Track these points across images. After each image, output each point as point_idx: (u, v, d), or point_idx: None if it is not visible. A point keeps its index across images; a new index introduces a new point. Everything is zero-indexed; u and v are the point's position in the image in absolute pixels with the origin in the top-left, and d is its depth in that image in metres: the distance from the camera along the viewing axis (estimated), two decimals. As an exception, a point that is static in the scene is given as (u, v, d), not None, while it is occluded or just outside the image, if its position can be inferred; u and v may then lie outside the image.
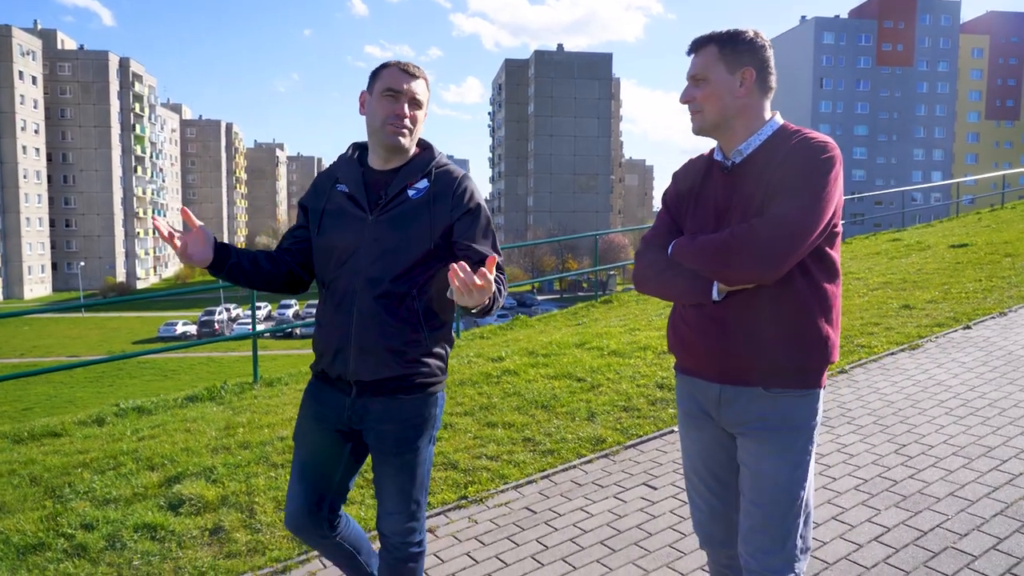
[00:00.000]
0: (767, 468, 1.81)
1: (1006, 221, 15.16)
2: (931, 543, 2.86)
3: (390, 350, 2.06)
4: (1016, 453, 3.65)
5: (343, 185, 2.16)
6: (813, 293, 1.79)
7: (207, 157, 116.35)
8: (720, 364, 1.86)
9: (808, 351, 1.79)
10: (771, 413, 1.81)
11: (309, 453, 2.20)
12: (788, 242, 1.68)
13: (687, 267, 1.84)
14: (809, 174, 1.72)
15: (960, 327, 6.30)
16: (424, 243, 2.07)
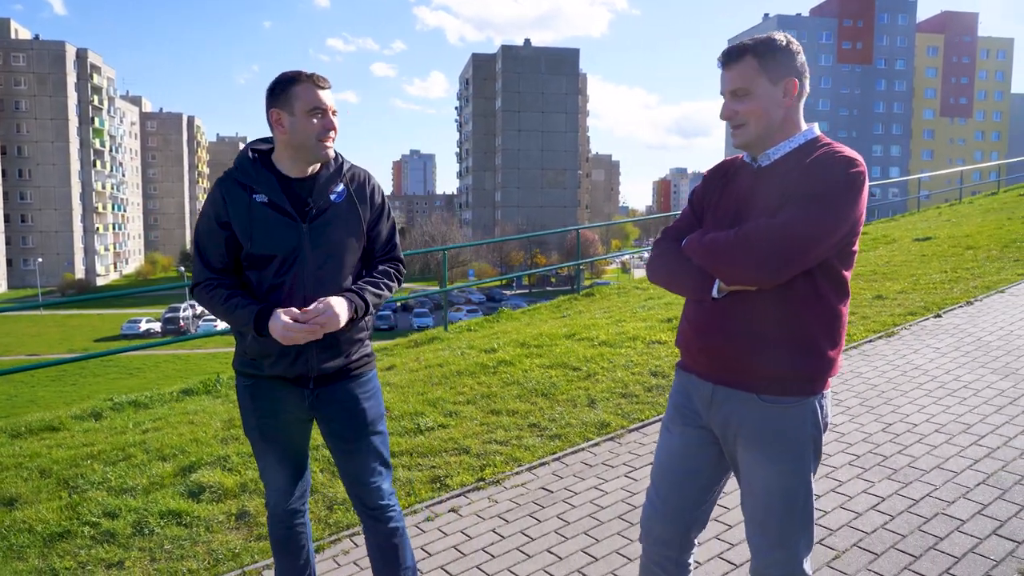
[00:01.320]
0: (760, 479, 1.84)
1: (965, 216, 15.78)
2: (923, 510, 3.11)
3: (348, 341, 2.25)
4: (992, 429, 3.94)
5: (261, 196, 2.17)
6: (817, 307, 1.78)
7: (168, 151, 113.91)
8: (714, 362, 1.88)
9: (803, 361, 1.78)
10: (762, 424, 1.82)
11: (281, 448, 2.34)
12: (790, 249, 1.67)
13: (695, 262, 1.87)
14: (828, 186, 1.70)
15: (931, 316, 6.64)
16: (360, 241, 2.26)
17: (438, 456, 4.13)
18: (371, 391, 2.35)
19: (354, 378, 2.29)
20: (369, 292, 2.22)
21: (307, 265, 2.16)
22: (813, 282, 1.76)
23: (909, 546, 2.84)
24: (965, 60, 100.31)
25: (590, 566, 2.90)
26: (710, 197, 1.99)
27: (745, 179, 1.90)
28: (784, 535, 1.84)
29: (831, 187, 1.70)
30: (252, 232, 2.16)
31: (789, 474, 1.81)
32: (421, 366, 6.62)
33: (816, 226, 1.67)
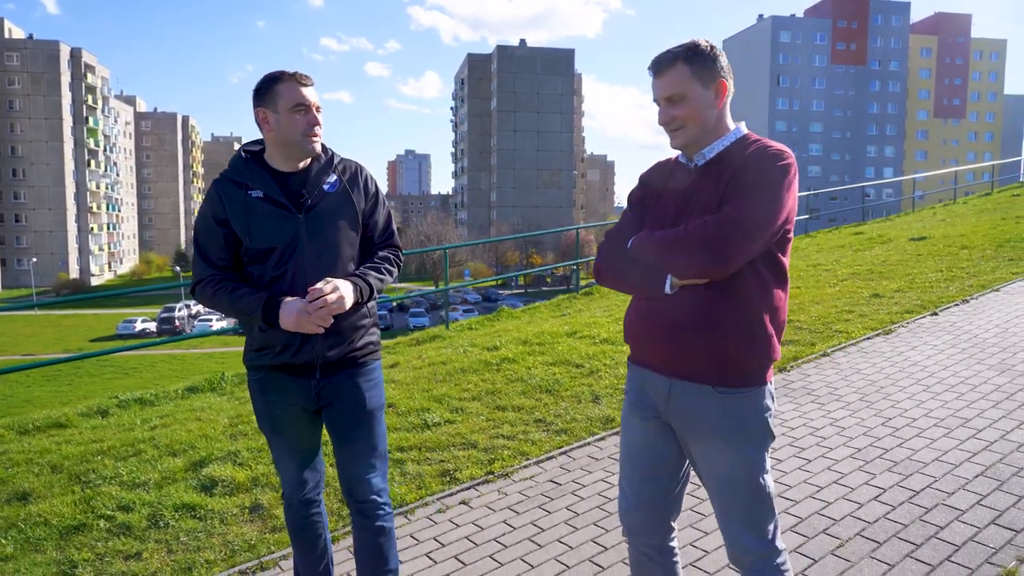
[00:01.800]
0: (723, 469, 1.91)
1: (959, 215, 15.92)
2: (923, 501, 3.20)
3: (352, 328, 2.29)
4: (990, 423, 4.03)
5: (256, 191, 2.23)
6: (761, 293, 1.87)
7: (163, 151, 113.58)
8: (670, 358, 1.94)
9: (753, 348, 1.87)
10: (719, 415, 1.89)
11: (294, 438, 2.38)
12: (738, 239, 1.76)
13: (643, 260, 1.94)
14: (764, 178, 1.81)
15: (928, 314, 6.74)
16: (356, 229, 2.31)
17: (446, 450, 4.20)
18: (374, 381, 2.38)
19: (359, 366, 2.34)
20: (372, 276, 2.27)
21: (306, 255, 2.21)
22: (756, 270, 1.86)
23: (911, 535, 2.92)
24: (958, 61, 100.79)
25: (601, 555, 2.97)
26: (649, 198, 2.06)
27: (682, 178, 1.98)
28: (752, 519, 1.92)
29: (767, 179, 1.81)
30: (250, 227, 2.22)
31: (749, 461, 1.90)
32: (424, 363, 6.69)
33: (759, 215, 1.77)
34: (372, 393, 2.36)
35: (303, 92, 2.20)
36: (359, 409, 2.32)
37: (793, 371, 5.30)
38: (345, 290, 2.16)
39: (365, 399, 2.33)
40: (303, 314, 2.11)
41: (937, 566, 2.69)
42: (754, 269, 1.85)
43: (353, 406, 2.32)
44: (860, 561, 2.76)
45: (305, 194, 2.24)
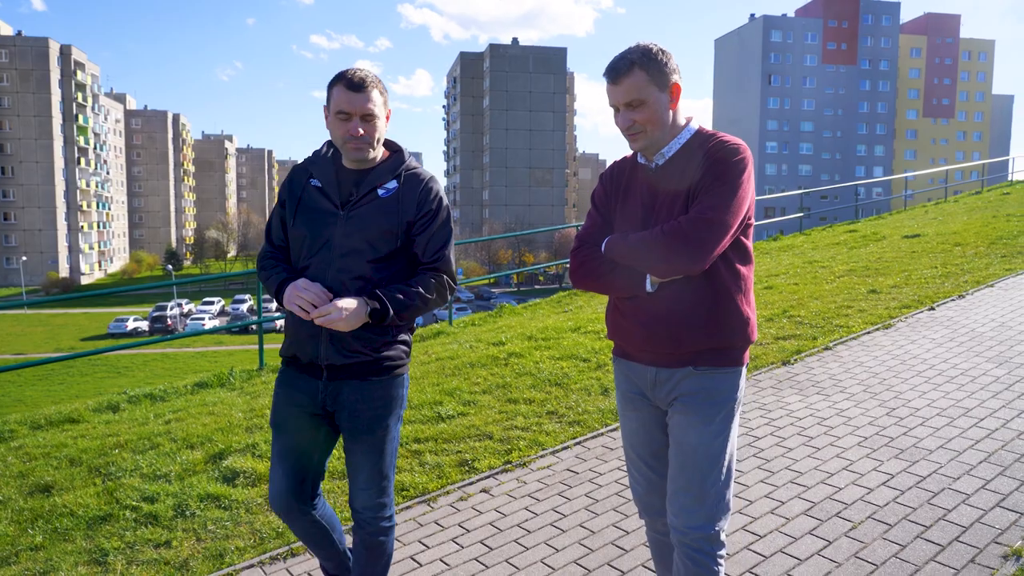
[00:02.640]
0: (691, 437, 1.99)
1: (950, 214, 16.12)
2: (930, 486, 3.32)
3: (359, 338, 2.19)
4: (990, 413, 4.16)
5: (316, 180, 2.27)
6: (732, 277, 1.98)
7: (153, 149, 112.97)
8: (655, 349, 2.03)
9: (732, 331, 1.99)
10: (697, 388, 1.99)
11: (290, 437, 2.33)
12: (712, 236, 1.86)
13: (621, 262, 2.00)
14: (726, 175, 1.90)
15: (925, 308, 6.88)
16: (392, 240, 2.20)
17: (463, 442, 4.29)
18: (383, 398, 2.27)
19: (368, 380, 2.25)
20: (394, 297, 2.17)
21: (333, 251, 2.20)
22: (726, 257, 1.97)
23: (920, 517, 3.04)
24: (948, 61, 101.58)
25: (622, 538, 3.08)
26: (613, 198, 2.13)
27: (644, 178, 2.06)
28: (705, 494, 1.97)
29: (730, 175, 1.90)
30: (297, 211, 2.27)
31: (717, 435, 1.98)
32: (432, 359, 6.78)
33: (728, 212, 1.88)
34: (378, 409, 2.26)
35: (348, 98, 2.14)
36: (358, 423, 2.26)
37: (797, 364, 5.42)
38: (348, 307, 2.10)
39: (366, 414, 2.25)
40: (294, 288, 2.14)
41: (947, 546, 2.81)
42: (724, 257, 1.96)
43: (354, 418, 2.26)
44: (873, 542, 2.87)
45: (354, 193, 2.23)
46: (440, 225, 2.27)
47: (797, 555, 2.82)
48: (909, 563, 2.71)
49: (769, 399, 4.68)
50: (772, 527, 3.05)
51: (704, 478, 1.97)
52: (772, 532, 3.01)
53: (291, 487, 2.33)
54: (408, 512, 3.48)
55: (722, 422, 1.99)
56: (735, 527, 3.07)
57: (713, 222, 1.86)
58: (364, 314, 2.12)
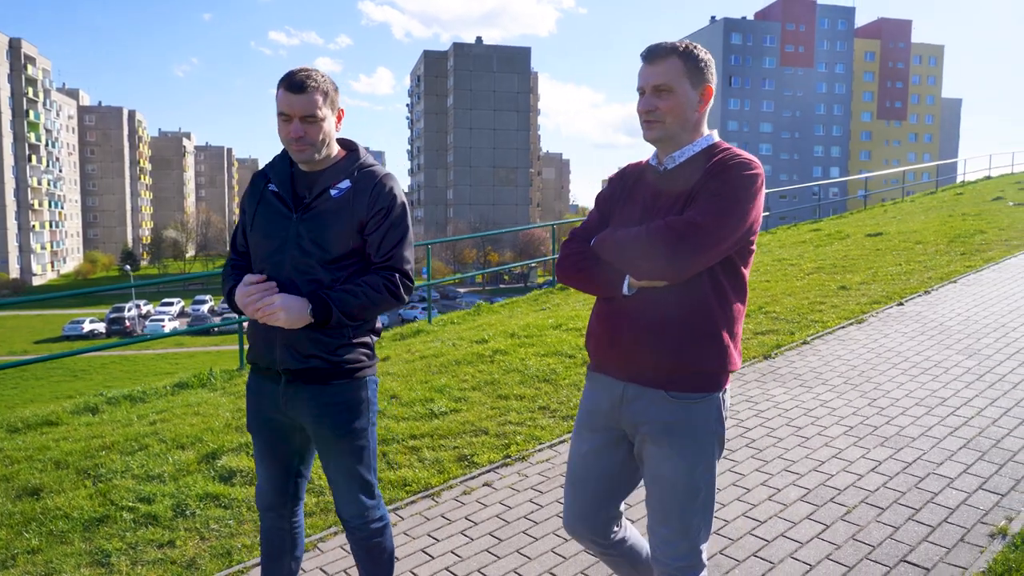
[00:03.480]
0: (666, 470, 1.89)
1: (909, 213, 16.65)
2: (916, 471, 3.48)
3: (313, 340, 2.14)
4: (965, 401, 4.36)
5: (273, 184, 2.25)
6: (719, 304, 1.85)
7: (108, 146, 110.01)
8: (624, 361, 1.93)
9: (708, 356, 1.85)
10: (670, 418, 1.88)
11: (264, 442, 2.31)
12: (697, 243, 1.75)
13: (604, 259, 1.92)
14: (729, 185, 1.80)
15: (894, 304, 7.14)
16: (345, 241, 2.15)
17: (459, 437, 4.34)
18: (343, 404, 2.21)
19: (326, 384, 2.19)
20: (339, 297, 2.11)
21: (287, 255, 2.17)
22: (716, 279, 1.85)
23: (909, 501, 3.19)
24: (900, 65, 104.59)
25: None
26: (616, 198, 2.07)
27: (650, 180, 1.99)
28: (686, 526, 1.90)
29: (732, 186, 1.80)
30: (255, 217, 2.25)
31: (694, 468, 1.88)
32: (416, 356, 6.80)
33: (720, 222, 1.76)
34: (341, 414, 2.20)
35: (287, 100, 2.11)
36: (322, 429, 2.21)
37: (778, 358, 5.59)
38: (287, 304, 2.07)
39: (328, 420, 2.20)
40: (240, 286, 2.14)
41: (936, 527, 2.96)
42: (713, 277, 1.84)
43: (318, 425, 2.21)
44: (868, 525, 3.01)
45: (307, 195, 2.20)
46: (393, 223, 2.19)
47: (798, 539, 2.95)
48: (903, 543, 2.85)
49: (755, 392, 4.82)
50: (772, 512, 3.17)
51: (683, 511, 1.90)
52: (772, 518, 3.13)
53: (275, 485, 2.35)
54: (413, 507, 3.52)
55: (698, 455, 1.89)
56: (736, 514, 3.18)
57: (702, 228, 1.75)
58: (306, 312, 2.08)
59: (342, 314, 2.10)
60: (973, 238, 11.10)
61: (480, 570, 2.91)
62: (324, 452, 2.26)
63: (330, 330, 2.15)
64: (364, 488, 2.28)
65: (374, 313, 2.19)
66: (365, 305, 2.13)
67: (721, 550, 2.90)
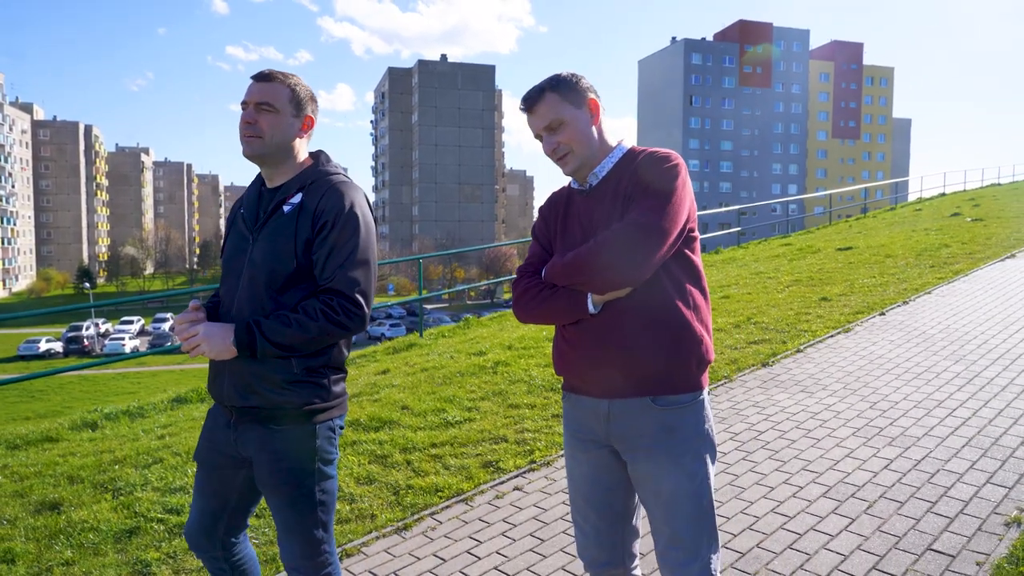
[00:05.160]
0: (667, 486, 1.85)
1: (872, 228, 17.25)
2: (926, 467, 3.68)
3: (255, 374, 1.97)
4: (960, 404, 4.61)
5: (243, 207, 2.14)
6: (681, 296, 1.87)
7: (63, 161, 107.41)
8: (604, 378, 1.89)
9: (686, 354, 1.86)
10: (659, 428, 1.86)
11: (207, 476, 2.18)
12: (648, 242, 1.77)
13: (560, 284, 1.89)
14: (658, 181, 1.83)
15: (876, 314, 7.44)
16: (288, 262, 1.97)
17: (480, 445, 4.43)
18: (289, 451, 2.01)
19: (272, 424, 2.01)
20: (269, 325, 1.93)
21: (240, 281, 2.04)
22: (670, 273, 1.87)
23: (925, 495, 3.38)
24: (852, 86, 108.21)
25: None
26: (552, 228, 2.06)
27: (580, 202, 2.00)
28: (698, 544, 1.87)
29: (662, 181, 1.84)
30: (225, 243, 2.18)
31: (693, 476, 1.86)
32: (416, 369, 6.86)
33: (662, 214, 1.79)
34: (283, 462, 2.01)
35: (249, 87, 2.04)
36: (262, 475, 2.05)
37: (775, 365, 5.80)
38: (212, 333, 1.95)
39: (268, 466, 2.02)
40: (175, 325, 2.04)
41: (954, 518, 3.15)
42: (669, 273, 1.86)
43: (259, 469, 2.05)
44: (890, 518, 3.19)
45: (261, 215, 2.06)
46: (340, 240, 1.97)
47: (827, 531, 3.11)
48: (926, 533, 3.03)
49: (760, 397, 5.01)
50: (799, 508, 3.33)
51: (691, 526, 1.86)
52: (800, 513, 3.29)
53: (203, 525, 2.19)
54: (449, 511, 3.60)
55: (694, 460, 1.88)
56: (765, 510, 3.34)
57: (646, 227, 1.77)
58: (229, 342, 1.92)
59: (271, 344, 1.91)
60: (939, 251, 11.58)
61: (529, 568, 3.01)
62: (266, 498, 2.10)
63: (272, 363, 1.97)
64: (305, 543, 2.06)
65: (313, 344, 1.95)
66: (297, 334, 1.91)
67: (758, 543, 3.05)
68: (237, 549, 2.27)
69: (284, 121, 2.03)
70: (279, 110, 2.02)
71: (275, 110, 2.02)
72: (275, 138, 2.03)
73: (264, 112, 2.01)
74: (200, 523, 2.20)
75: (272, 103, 2.02)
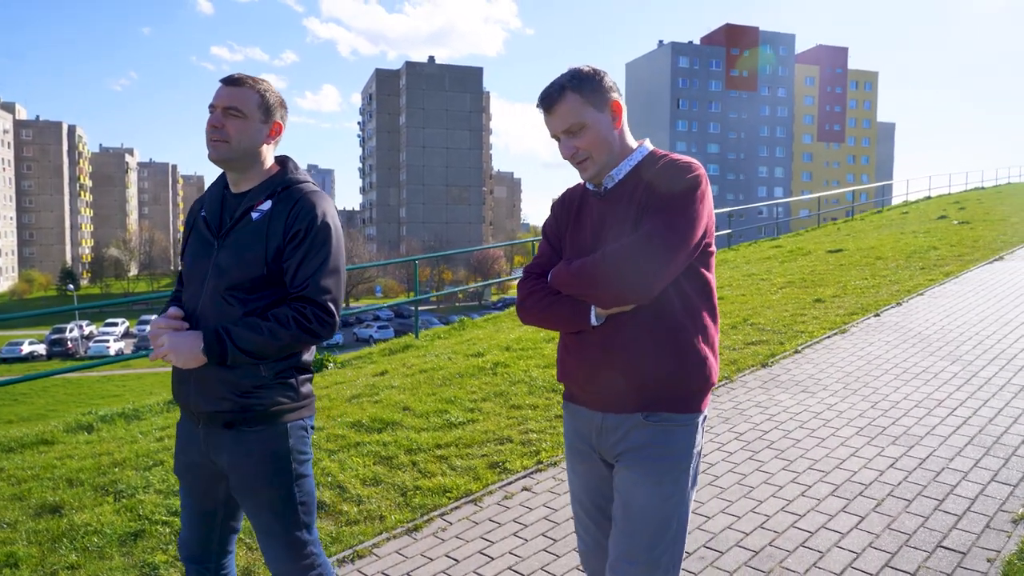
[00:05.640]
0: (638, 497, 1.78)
1: (860, 231, 17.41)
2: (931, 466, 3.72)
3: (223, 380, 1.96)
4: (960, 403, 4.66)
5: (204, 211, 2.11)
6: (689, 314, 1.79)
7: (46, 162, 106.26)
8: (601, 391, 1.84)
9: (687, 374, 1.78)
10: (646, 441, 1.80)
11: (187, 488, 2.15)
12: (660, 259, 1.68)
13: (565, 292, 1.83)
14: (675, 192, 1.74)
15: (871, 315, 7.51)
16: (257, 268, 1.96)
17: (485, 445, 4.43)
18: (258, 454, 1.99)
19: (239, 431, 1.99)
20: (238, 333, 1.91)
21: (205, 287, 2.02)
22: (680, 289, 1.78)
23: (932, 492, 3.42)
24: (837, 90, 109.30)
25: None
26: (563, 227, 1.99)
27: (594, 204, 1.92)
28: (654, 563, 1.77)
29: (680, 192, 1.74)
30: (185, 247, 2.15)
31: (667, 497, 1.78)
32: (414, 371, 6.84)
33: (677, 229, 1.70)
34: (255, 465, 1.99)
35: (217, 92, 2.02)
36: (235, 479, 2.03)
37: (775, 366, 5.84)
38: (182, 341, 1.93)
39: (241, 470, 2.00)
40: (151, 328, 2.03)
41: (962, 515, 3.19)
42: (679, 289, 1.77)
43: (232, 474, 2.03)
44: (899, 515, 3.22)
45: (228, 219, 2.04)
46: (312, 247, 1.96)
47: (838, 529, 3.13)
48: (935, 531, 3.07)
49: (762, 397, 5.04)
50: (808, 507, 3.36)
51: (653, 545, 1.76)
52: (809, 512, 3.31)
53: (198, 537, 2.17)
54: (458, 512, 3.59)
55: (674, 482, 1.79)
56: (775, 508, 3.36)
57: (658, 244, 1.68)
58: (198, 350, 1.91)
59: (241, 351, 1.91)
60: (928, 254, 11.71)
61: (544, 568, 3.01)
62: (242, 504, 2.07)
63: (240, 369, 1.96)
64: (289, 546, 2.05)
65: (284, 350, 1.96)
66: (268, 341, 1.91)
67: (770, 542, 3.07)
68: (225, 563, 2.23)
69: (252, 127, 2.01)
70: (247, 115, 2.00)
71: (243, 115, 2.00)
72: (242, 144, 2.01)
73: (232, 117, 1.99)
74: (195, 534, 2.18)
75: (240, 108, 2.00)
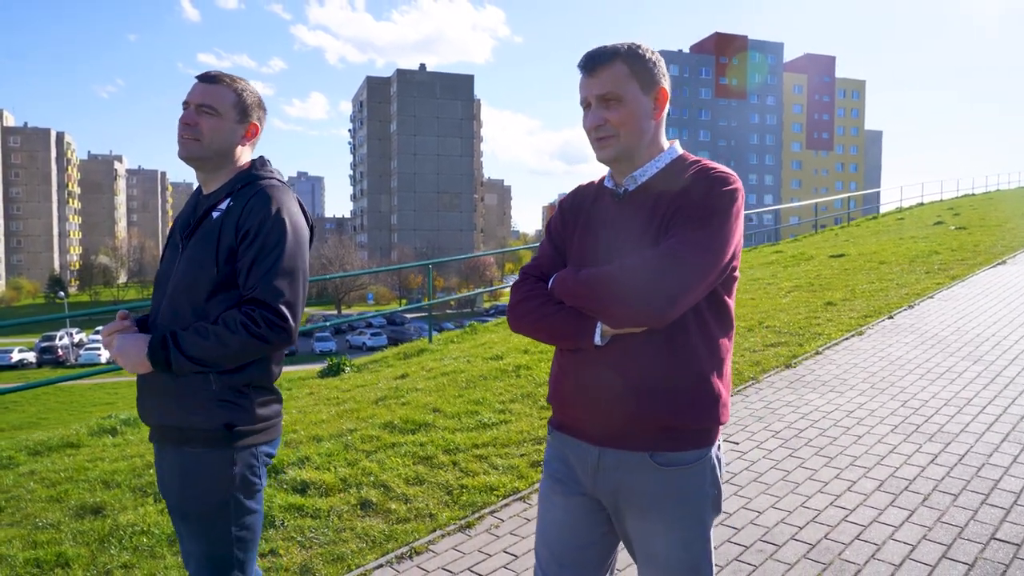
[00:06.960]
0: (659, 549, 1.62)
1: (859, 236, 17.58)
2: (971, 462, 3.79)
3: (169, 391, 1.84)
4: (988, 401, 4.74)
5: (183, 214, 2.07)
6: (706, 345, 1.59)
7: (34, 168, 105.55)
8: (600, 421, 1.62)
9: (698, 409, 1.58)
10: (656, 488, 1.59)
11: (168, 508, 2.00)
12: (685, 278, 1.48)
13: (568, 304, 1.61)
14: (709, 206, 1.54)
15: (885, 317, 7.60)
16: (209, 270, 1.84)
17: (522, 445, 4.45)
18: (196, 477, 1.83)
19: (183, 448, 1.84)
20: (184, 338, 1.80)
21: (166, 292, 1.92)
22: (700, 315, 1.59)
23: (976, 487, 3.48)
24: (826, 99, 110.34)
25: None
26: (570, 227, 1.76)
27: (610, 205, 1.70)
28: None
29: (715, 207, 1.54)
30: (163, 253, 2.08)
31: (691, 542, 1.61)
32: (436, 374, 6.86)
33: (708, 247, 1.51)
34: (191, 488, 1.83)
35: (193, 88, 1.96)
36: (172, 497, 1.88)
37: (799, 367, 5.91)
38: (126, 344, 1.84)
39: (177, 492, 1.86)
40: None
41: (1010, 508, 3.25)
42: (697, 314, 1.58)
43: (169, 492, 1.89)
44: (948, 509, 3.27)
45: (192, 222, 1.95)
46: (264, 247, 1.83)
47: (890, 523, 3.18)
48: (986, 524, 3.12)
49: (791, 397, 5.10)
50: (856, 502, 3.41)
51: None
52: (859, 507, 3.36)
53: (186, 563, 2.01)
54: (508, 509, 3.62)
55: (696, 526, 1.61)
56: (824, 503, 3.41)
57: (685, 263, 1.48)
58: (143, 356, 1.80)
59: (187, 358, 1.77)
60: (931, 258, 11.85)
61: (605, 562, 3.04)
62: (175, 528, 1.92)
63: (187, 379, 1.82)
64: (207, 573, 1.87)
65: (234, 359, 1.81)
66: (216, 347, 1.77)
67: (825, 535, 3.12)
68: None
69: (226, 126, 1.94)
70: (222, 114, 1.93)
71: (217, 114, 1.93)
72: (214, 143, 1.93)
73: (205, 115, 1.92)
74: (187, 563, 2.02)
75: (215, 106, 1.93)
